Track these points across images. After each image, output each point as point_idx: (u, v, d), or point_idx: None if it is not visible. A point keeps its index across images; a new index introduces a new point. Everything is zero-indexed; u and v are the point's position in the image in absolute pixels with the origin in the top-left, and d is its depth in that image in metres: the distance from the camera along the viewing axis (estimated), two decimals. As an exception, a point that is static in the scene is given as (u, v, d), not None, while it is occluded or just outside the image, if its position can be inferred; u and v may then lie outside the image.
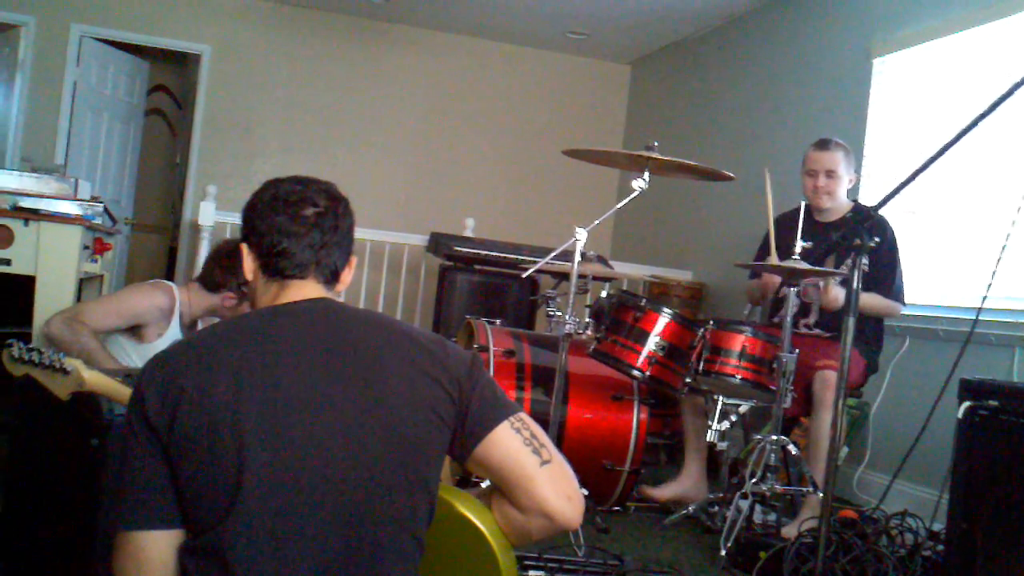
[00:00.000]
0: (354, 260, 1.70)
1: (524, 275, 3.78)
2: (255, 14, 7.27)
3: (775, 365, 3.37)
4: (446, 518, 1.58)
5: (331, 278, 1.63)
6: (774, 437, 3.38)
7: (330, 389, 1.46)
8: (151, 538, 1.42)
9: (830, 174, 3.85)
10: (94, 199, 3.92)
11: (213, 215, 5.63)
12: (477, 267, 5.72)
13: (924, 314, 4.31)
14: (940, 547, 2.84)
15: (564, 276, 3.74)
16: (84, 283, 4.04)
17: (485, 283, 5.73)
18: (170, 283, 3.40)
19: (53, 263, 3.59)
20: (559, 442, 3.43)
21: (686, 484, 3.91)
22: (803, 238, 3.37)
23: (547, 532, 1.60)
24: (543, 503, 1.55)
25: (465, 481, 2.95)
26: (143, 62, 7.62)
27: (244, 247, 1.64)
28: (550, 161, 7.02)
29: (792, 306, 3.39)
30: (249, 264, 1.63)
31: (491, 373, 3.60)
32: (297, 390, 1.45)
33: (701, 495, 3.83)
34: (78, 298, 3.71)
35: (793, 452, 3.46)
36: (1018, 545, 2.40)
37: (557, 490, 1.56)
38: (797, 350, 3.39)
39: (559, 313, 3.50)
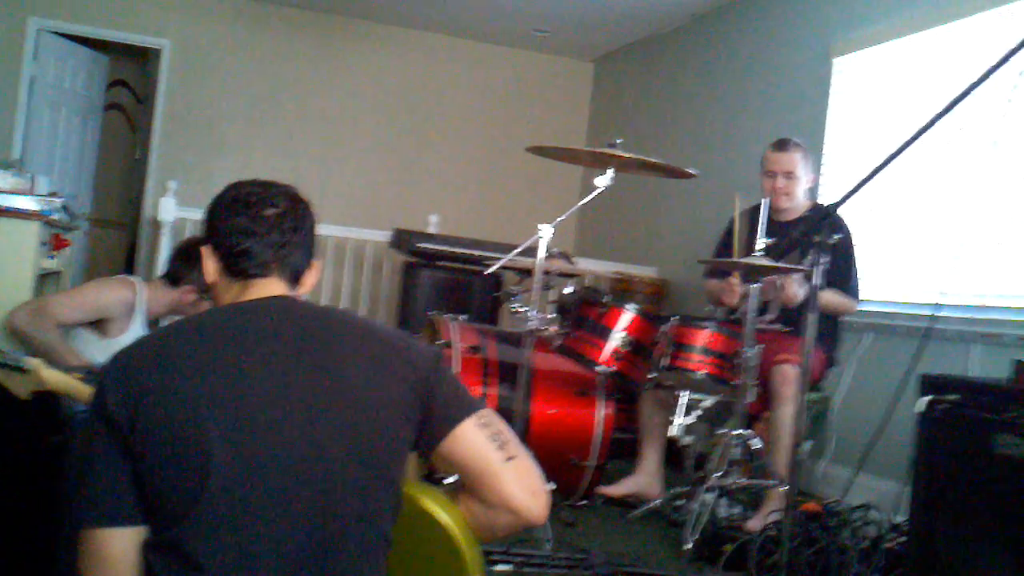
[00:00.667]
0: (317, 264, 1.70)
1: (488, 271, 3.78)
2: (217, 8, 7.20)
3: (738, 360, 3.40)
4: (412, 514, 1.58)
5: (293, 278, 1.63)
6: (737, 431, 3.41)
7: (293, 385, 1.46)
8: (114, 535, 1.40)
9: (788, 175, 3.88)
10: (52, 194, 3.86)
11: (174, 211, 5.58)
12: (441, 263, 5.71)
13: (885, 310, 4.37)
14: (902, 539, 2.87)
15: (528, 272, 3.75)
16: (42, 279, 3.99)
17: (449, 279, 5.72)
18: (134, 278, 3.37)
19: (10, 259, 3.54)
20: (524, 437, 3.42)
21: (641, 480, 3.89)
22: (763, 236, 3.40)
23: (513, 528, 1.60)
24: (509, 499, 1.56)
25: (431, 477, 2.95)
26: (102, 56, 7.53)
27: (205, 249, 1.63)
28: (514, 158, 7.01)
29: (755, 303, 3.42)
30: (211, 265, 1.63)
31: (456, 369, 3.59)
32: (260, 386, 1.44)
33: (657, 491, 3.84)
34: (36, 295, 3.66)
35: (756, 446, 3.49)
36: (978, 536, 2.44)
37: (522, 486, 1.57)
38: (761, 345, 3.42)
39: (523, 309, 3.50)
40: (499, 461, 1.57)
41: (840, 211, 2.63)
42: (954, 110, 2.32)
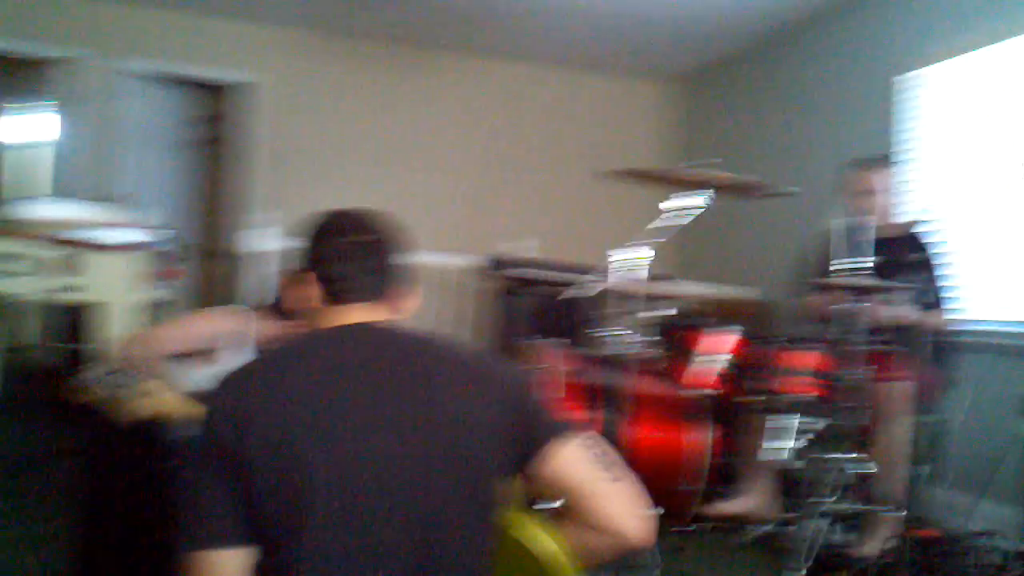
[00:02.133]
0: (416, 290, 1.72)
1: (587, 295, 3.74)
2: (309, 44, 7.36)
3: (846, 382, 3.30)
4: (513, 540, 1.57)
5: (390, 304, 1.66)
6: (848, 455, 3.31)
7: (390, 410, 1.47)
8: (223, 557, 1.42)
9: (876, 192, 3.80)
10: (162, 226, 3.98)
11: (273, 242, 5.71)
12: (537, 288, 5.69)
13: (1007, 330, 4.20)
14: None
15: (628, 295, 3.70)
16: (155, 309, 4.10)
17: (546, 304, 5.70)
18: (244, 308, 3.43)
19: (124, 289, 3.64)
20: (630, 462, 3.37)
21: (753, 501, 3.85)
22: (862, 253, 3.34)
23: (616, 551, 1.59)
24: (614, 519, 1.55)
25: (532, 505, 2.91)
26: (204, 91, 7.76)
27: (309, 276, 1.67)
28: (601, 182, 7.00)
29: (859, 323, 3.32)
30: (314, 291, 1.66)
31: (559, 394, 3.57)
32: (356, 411, 1.46)
33: (769, 512, 3.76)
34: (148, 325, 3.77)
35: (870, 470, 3.37)
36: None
37: (627, 507, 1.58)
38: (872, 366, 3.31)
39: (625, 332, 3.46)
40: (604, 481, 1.57)
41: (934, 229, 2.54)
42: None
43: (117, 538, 2.43)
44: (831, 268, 3.74)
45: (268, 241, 5.70)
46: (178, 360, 3.26)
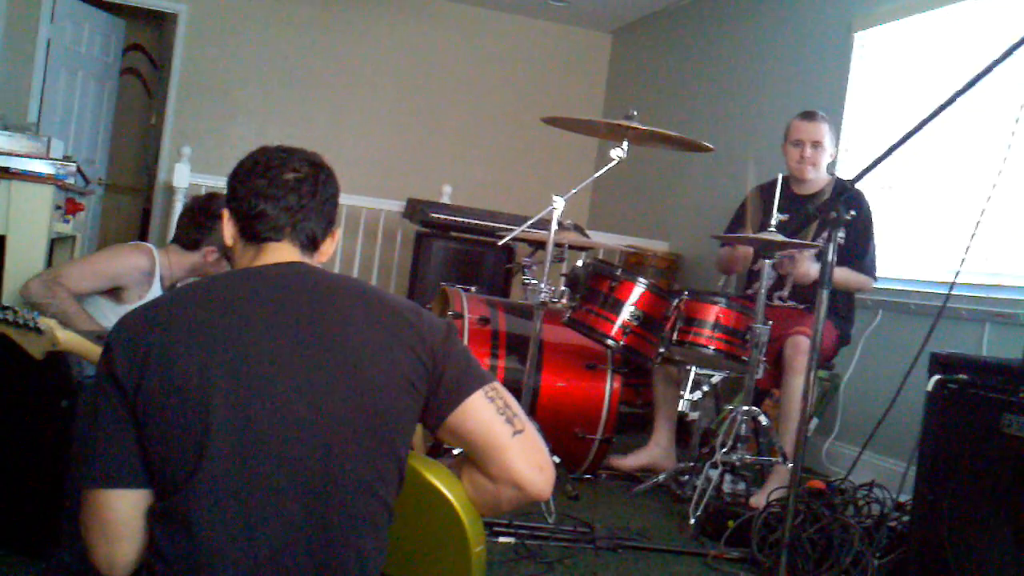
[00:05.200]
0: (336, 232, 1.70)
1: (500, 243, 3.77)
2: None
3: (748, 336, 3.39)
4: (415, 486, 1.58)
5: (308, 244, 1.62)
6: (745, 408, 3.41)
7: (300, 353, 1.45)
8: (116, 496, 1.42)
9: (816, 145, 3.86)
10: (67, 158, 3.86)
11: (188, 177, 5.57)
12: (453, 234, 5.70)
13: (897, 288, 4.35)
14: (906, 518, 2.87)
15: (540, 244, 3.74)
16: (56, 244, 4.00)
17: (461, 250, 5.72)
18: (150, 245, 3.37)
19: (24, 223, 3.54)
20: (532, 410, 3.44)
21: (654, 453, 3.95)
22: (780, 210, 3.39)
23: (517, 502, 1.60)
24: (514, 473, 1.56)
25: (437, 449, 2.96)
26: (119, 20, 7.50)
27: (226, 212, 1.64)
28: (529, 129, 6.99)
29: (767, 278, 3.40)
30: (230, 229, 1.63)
31: (466, 340, 3.60)
32: (266, 353, 1.44)
33: (669, 464, 3.87)
34: (50, 259, 3.68)
35: (763, 423, 3.49)
36: (983, 517, 2.44)
37: (529, 460, 1.57)
38: (771, 322, 3.41)
39: (534, 281, 3.49)
40: (506, 435, 1.56)
41: (859, 187, 2.61)
42: (975, 87, 2.29)
43: (11, 473, 2.41)
44: (749, 222, 3.82)
45: (181, 177, 5.57)
46: (83, 299, 3.21)
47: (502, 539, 2.83)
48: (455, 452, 1.73)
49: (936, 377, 2.59)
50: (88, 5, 7.04)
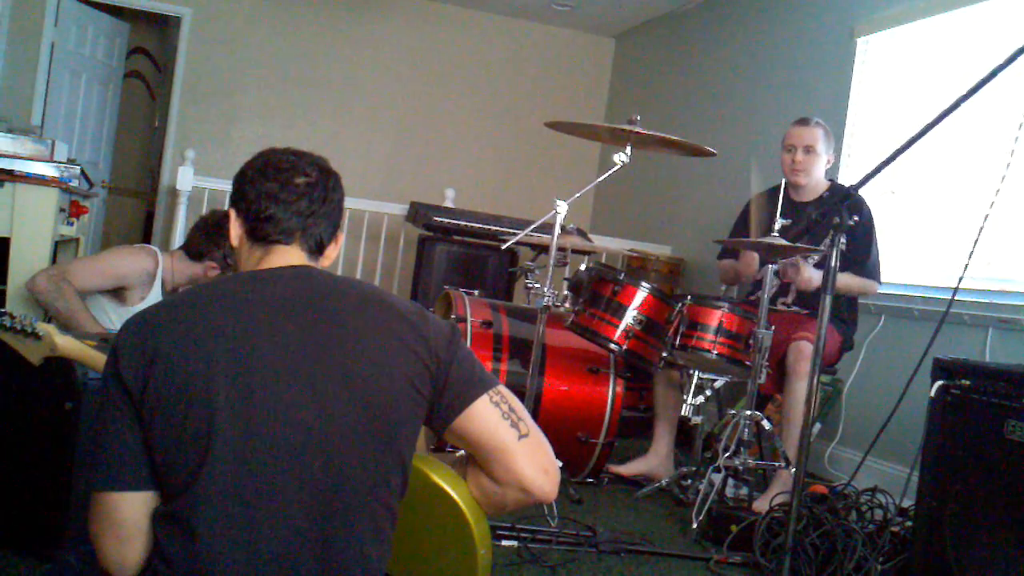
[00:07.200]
0: (341, 236, 1.70)
1: (503, 247, 3.78)
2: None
3: (751, 341, 3.39)
4: (420, 488, 1.58)
5: (316, 248, 1.62)
6: (748, 412, 3.41)
7: (305, 356, 1.45)
8: (124, 499, 1.41)
9: (808, 150, 3.85)
10: (70, 161, 3.88)
11: (191, 180, 5.58)
12: (456, 238, 5.71)
13: (900, 293, 4.34)
14: (909, 523, 2.87)
15: (543, 248, 3.75)
16: (59, 246, 4.01)
17: (464, 254, 5.72)
18: (155, 248, 3.39)
19: (28, 225, 3.56)
20: (535, 414, 3.44)
21: (653, 461, 3.94)
22: (781, 216, 3.39)
23: (522, 504, 1.61)
24: (520, 477, 1.56)
25: (441, 449, 2.96)
26: (123, 23, 7.52)
27: (232, 212, 1.63)
28: (532, 133, 7.02)
29: (770, 284, 3.40)
30: (236, 230, 1.62)
31: (468, 344, 3.60)
32: (271, 356, 1.43)
33: (667, 472, 3.86)
34: (53, 261, 3.69)
35: (766, 427, 3.49)
36: (986, 522, 2.44)
37: (534, 464, 1.57)
38: (773, 327, 3.41)
39: (537, 285, 3.50)
40: (512, 439, 1.56)
41: (861, 193, 2.61)
42: (978, 93, 2.29)
43: (18, 477, 2.41)
44: (752, 228, 3.81)
45: (185, 180, 5.57)
46: (86, 297, 3.22)
47: (505, 542, 2.84)
48: (458, 453, 1.73)
49: (939, 383, 2.60)
50: (92, 8, 7.05)
